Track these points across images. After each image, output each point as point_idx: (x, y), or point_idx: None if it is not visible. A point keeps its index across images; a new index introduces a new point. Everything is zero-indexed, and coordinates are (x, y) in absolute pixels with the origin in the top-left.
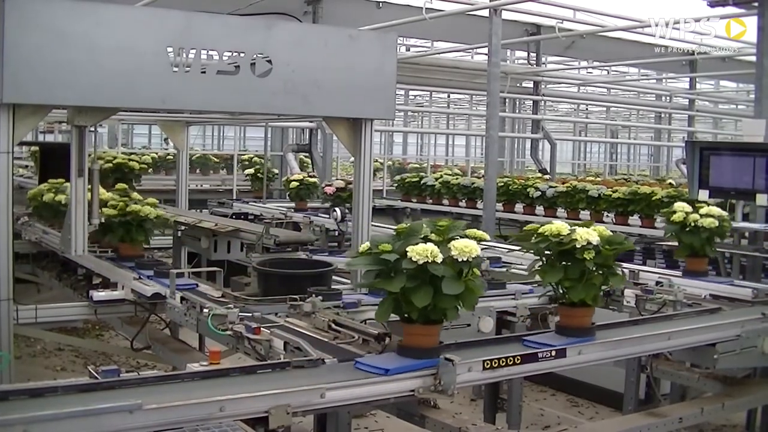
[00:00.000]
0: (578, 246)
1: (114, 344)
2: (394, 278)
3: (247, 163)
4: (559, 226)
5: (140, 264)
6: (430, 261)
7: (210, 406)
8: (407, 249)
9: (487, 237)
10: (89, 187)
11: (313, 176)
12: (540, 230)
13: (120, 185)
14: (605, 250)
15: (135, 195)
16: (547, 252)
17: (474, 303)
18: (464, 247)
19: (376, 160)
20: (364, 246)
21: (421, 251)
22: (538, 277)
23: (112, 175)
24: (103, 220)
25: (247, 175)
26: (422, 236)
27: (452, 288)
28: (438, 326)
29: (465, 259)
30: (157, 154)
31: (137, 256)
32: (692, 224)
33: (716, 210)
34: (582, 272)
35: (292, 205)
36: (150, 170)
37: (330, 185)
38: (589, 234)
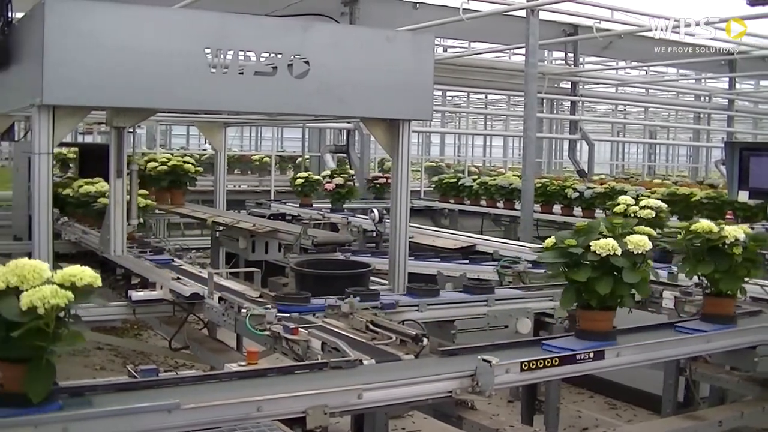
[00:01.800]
0: (728, 242)
1: (152, 344)
2: (579, 269)
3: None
4: (707, 224)
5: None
6: (611, 254)
7: (248, 406)
8: (590, 243)
9: (654, 233)
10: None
11: (350, 177)
12: (691, 228)
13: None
14: (751, 245)
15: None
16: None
17: (648, 291)
18: (638, 241)
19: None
20: (550, 241)
21: (604, 245)
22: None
23: (167, 178)
24: None
25: (298, 180)
26: (600, 232)
27: (631, 277)
28: (613, 312)
29: (639, 252)
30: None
31: None
32: (632, 215)
33: (654, 202)
34: (730, 265)
35: (330, 206)
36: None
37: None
38: (736, 231)
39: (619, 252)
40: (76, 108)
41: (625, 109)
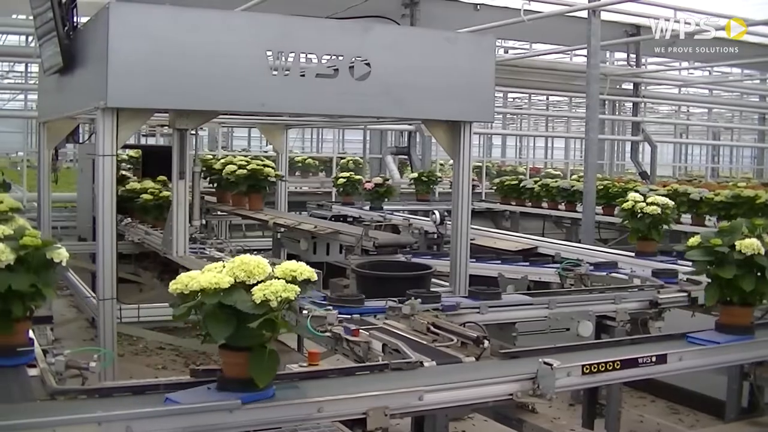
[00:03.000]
0: None
1: (214, 344)
2: (725, 267)
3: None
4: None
5: None
6: (756, 253)
7: (308, 406)
8: (735, 243)
9: None
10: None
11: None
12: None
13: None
14: None
15: None
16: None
17: None
18: None
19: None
20: (695, 240)
21: (749, 245)
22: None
23: (245, 182)
24: None
25: (340, 180)
26: (742, 232)
27: None
28: (752, 308)
29: None
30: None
31: None
32: (639, 211)
33: (661, 199)
34: None
35: (392, 207)
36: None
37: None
38: None
39: (762, 251)
40: (140, 111)
41: (688, 110)
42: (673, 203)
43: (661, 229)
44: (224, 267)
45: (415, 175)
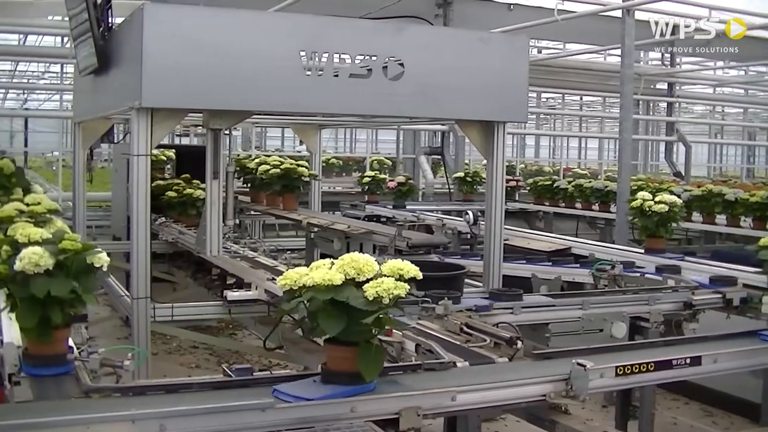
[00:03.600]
0: None
1: (247, 343)
2: None
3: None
4: None
5: None
6: None
7: (341, 406)
8: None
9: None
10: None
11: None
12: None
13: None
14: None
15: None
16: None
17: None
18: None
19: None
20: (766, 239)
21: None
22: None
23: (279, 182)
24: None
25: (365, 179)
26: None
27: None
28: None
29: None
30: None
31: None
32: (648, 209)
33: (669, 198)
34: None
35: (425, 207)
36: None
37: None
38: None
39: None
40: (174, 111)
41: (723, 110)
42: (681, 202)
43: (670, 226)
44: (333, 264)
45: (461, 174)
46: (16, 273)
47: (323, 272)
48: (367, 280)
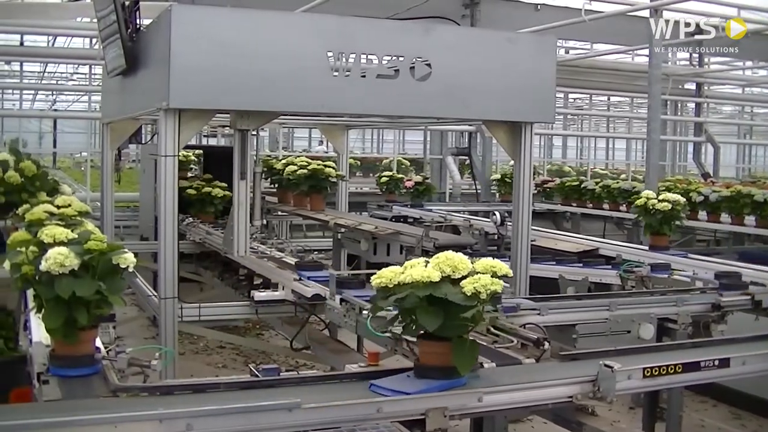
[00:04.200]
0: None
1: (273, 344)
2: None
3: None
4: None
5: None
6: None
7: (368, 407)
8: None
9: None
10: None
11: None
12: None
13: None
14: None
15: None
16: None
17: None
18: None
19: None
20: None
21: None
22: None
23: (306, 182)
24: None
25: (383, 178)
26: None
27: None
28: None
29: None
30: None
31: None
32: (651, 208)
33: (672, 196)
34: None
35: (453, 208)
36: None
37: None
38: None
39: None
40: (201, 111)
41: (752, 110)
42: (684, 200)
43: (673, 224)
44: (428, 263)
45: (498, 176)
46: (42, 273)
47: (420, 270)
48: (462, 278)
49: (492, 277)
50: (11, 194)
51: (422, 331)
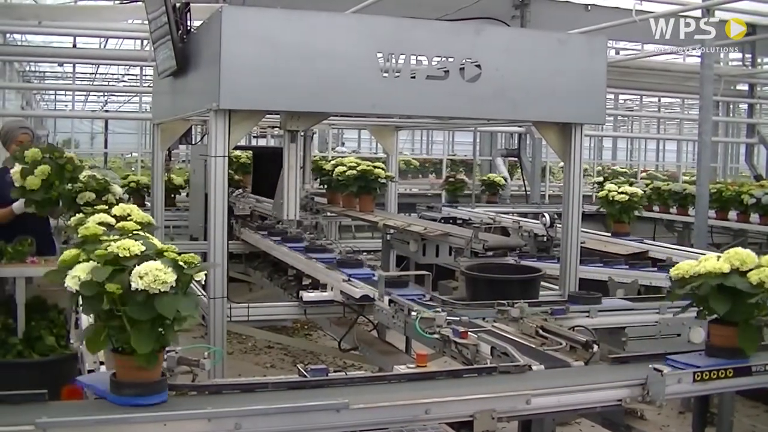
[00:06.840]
0: None
1: (322, 344)
2: None
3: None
4: None
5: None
6: None
7: (416, 408)
8: None
9: None
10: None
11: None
12: None
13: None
14: None
15: None
16: None
17: None
18: None
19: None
20: None
21: None
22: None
23: (356, 183)
24: None
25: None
26: None
27: None
28: None
29: None
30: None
31: None
32: (612, 199)
33: (631, 189)
34: None
35: (501, 210)
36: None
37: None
38: None
39: None
40: (251, 112)
41: None
42: (642, 192)
43: (632, 214)
44: (719, 257)
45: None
46: (136, 293)
47: (713, 262)
48: (749, 270)
49: None
50: (50, 188)
51: (714, 317)
